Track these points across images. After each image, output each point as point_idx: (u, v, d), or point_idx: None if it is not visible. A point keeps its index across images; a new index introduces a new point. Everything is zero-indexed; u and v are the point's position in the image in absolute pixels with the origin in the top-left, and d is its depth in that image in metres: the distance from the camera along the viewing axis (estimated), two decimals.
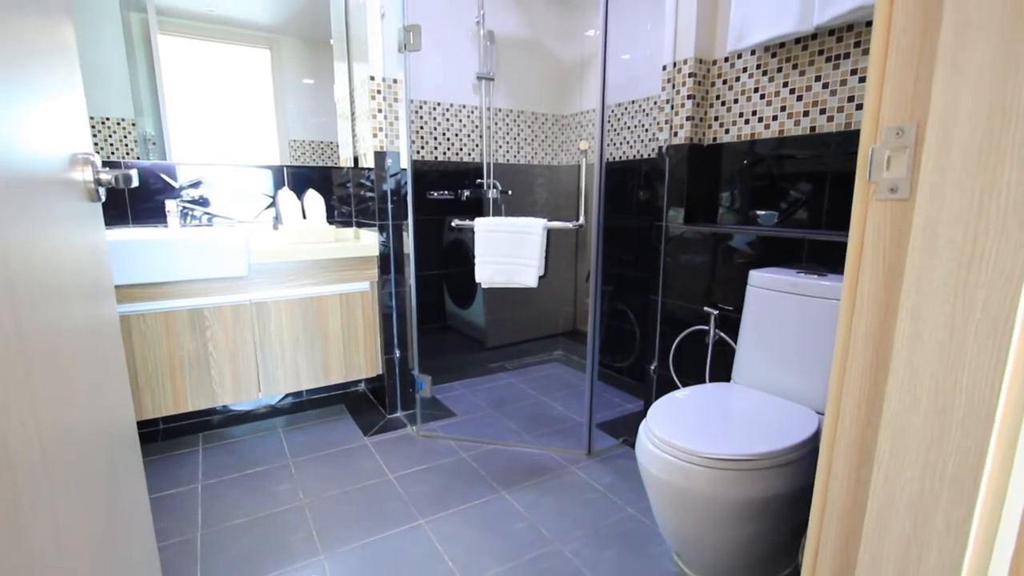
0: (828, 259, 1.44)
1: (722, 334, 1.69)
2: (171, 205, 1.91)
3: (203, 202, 2.00)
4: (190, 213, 1.97)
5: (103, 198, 0.87)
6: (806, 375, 1.35)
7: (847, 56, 1.46)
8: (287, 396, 2.23)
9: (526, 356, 2.86)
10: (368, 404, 2.26)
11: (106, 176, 0.84)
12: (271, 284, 1.81)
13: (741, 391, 1.43)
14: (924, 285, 0.54)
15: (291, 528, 1.44)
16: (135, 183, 0.84)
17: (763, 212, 1.71)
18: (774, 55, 1.63)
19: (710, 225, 1.80)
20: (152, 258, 1.60)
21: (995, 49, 0.47)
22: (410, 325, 2.09)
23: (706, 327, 1.73)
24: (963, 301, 0.51)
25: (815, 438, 1.16)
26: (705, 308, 1.74)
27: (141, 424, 1.84)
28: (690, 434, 1.15)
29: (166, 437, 1.94)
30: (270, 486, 1.63)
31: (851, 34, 1.45)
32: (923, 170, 0.53)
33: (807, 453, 1.13)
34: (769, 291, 1.43)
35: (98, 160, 0.85)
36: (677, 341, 1.86)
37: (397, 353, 2.10)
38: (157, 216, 1.93)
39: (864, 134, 0.60)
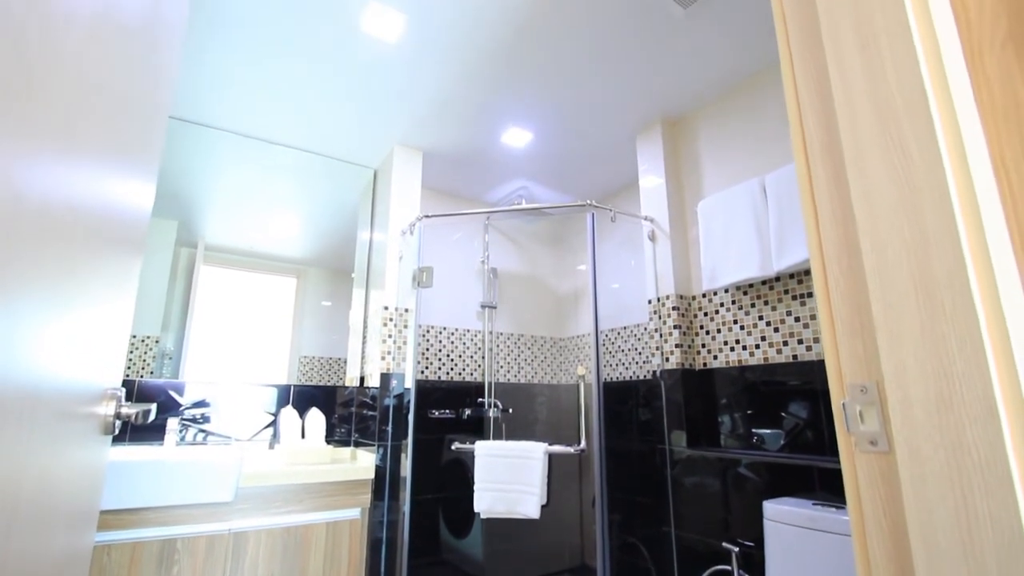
0: (842, 487, 1.38)
1: None
2: (172, 423, 1.91)
3: (204, 419, 2.01)
4: (187, 429, 1.96)
5: (116, 432, 0.90)
6: None
7: (811, 295, 1.64)
8: None
9: None
10: None
11: (127, 411, 0.88)
12: (256, 511, 1.69)
13: None
14: (932, 546, 0.53)
15: None
16: (152, 418, 0.88)
17: (767, 431, 1.70)
18: (746, 293, 1.83)
19: (714, 449, 1.77)
20: (140, 482, 1.53)
21: (920, 325, 0.56)
22: (400, 561, 1.88)
23: (729, 567, 1.56)
24: (978, 567, 0.49)
25: None
26: (724, 544, 1.60)
27: None
28: None
29: None
30: None
31: (810, 278, 1.66)
32: (894, 426, 0.57)
33: None
34: (788, 526, 1.34)
35: (123, 394, 0.91)
36: None
37: None
38: (155, 433, 1.92)
39: (832, 389, 0.66)
